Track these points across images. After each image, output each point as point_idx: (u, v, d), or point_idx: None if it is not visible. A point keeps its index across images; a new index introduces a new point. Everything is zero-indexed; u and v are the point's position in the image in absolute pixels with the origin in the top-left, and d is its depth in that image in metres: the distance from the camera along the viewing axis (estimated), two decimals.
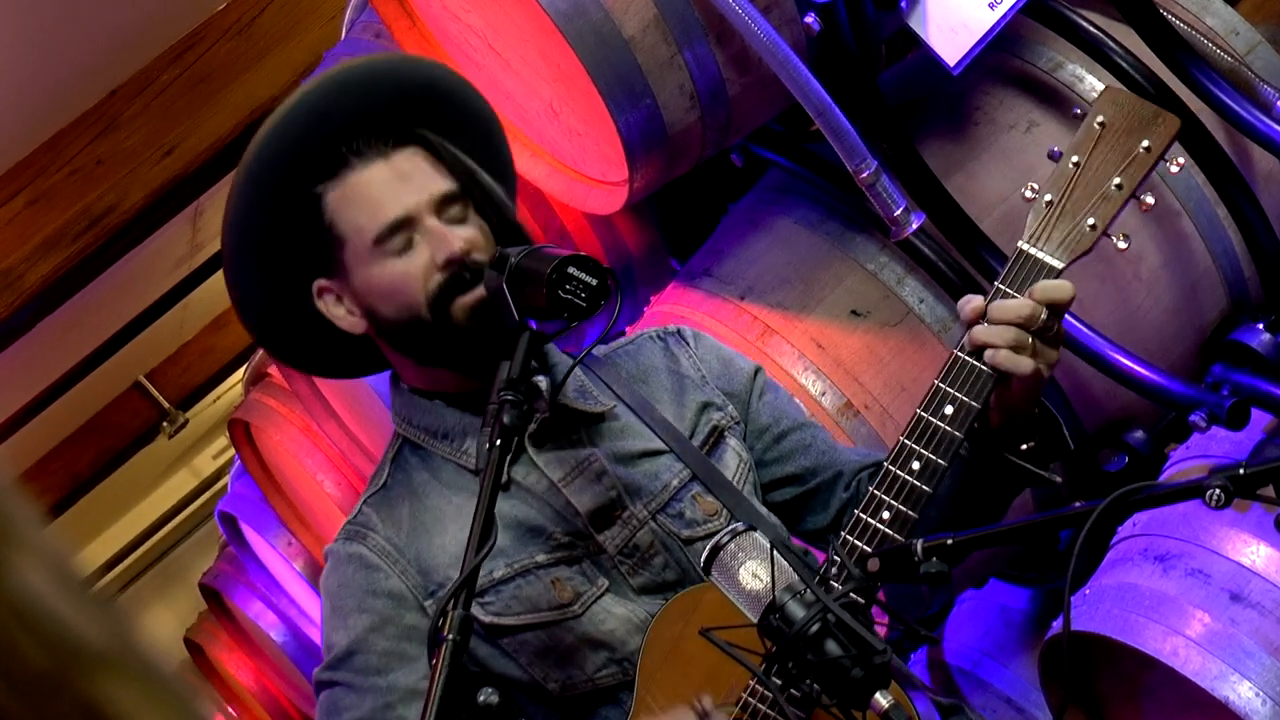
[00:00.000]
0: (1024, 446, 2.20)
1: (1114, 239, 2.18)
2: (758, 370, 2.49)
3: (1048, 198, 2.18)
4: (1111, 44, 3.11)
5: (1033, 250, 2.15)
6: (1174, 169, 2.22)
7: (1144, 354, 3.09)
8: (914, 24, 3.00)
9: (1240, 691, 2.83)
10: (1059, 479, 2.26)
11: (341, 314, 2.32)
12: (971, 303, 2.16)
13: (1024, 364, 2.10)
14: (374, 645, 2.25)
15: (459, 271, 2.21)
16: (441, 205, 2.26)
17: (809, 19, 2.91)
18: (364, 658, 2.25)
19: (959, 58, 2.98)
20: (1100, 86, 3.22)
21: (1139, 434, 3.23)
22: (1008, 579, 3.90)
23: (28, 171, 4.55)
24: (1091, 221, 2.16)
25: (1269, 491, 1.67)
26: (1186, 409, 3.01)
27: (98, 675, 0.72)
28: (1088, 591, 3.11)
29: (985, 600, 3.97)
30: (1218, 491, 1.68)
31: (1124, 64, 3.07)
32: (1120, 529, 3.21)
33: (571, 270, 2.05)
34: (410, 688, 2.22)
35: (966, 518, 2.28)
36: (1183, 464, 3.24)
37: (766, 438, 2.44)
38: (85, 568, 8.71)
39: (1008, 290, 2.15)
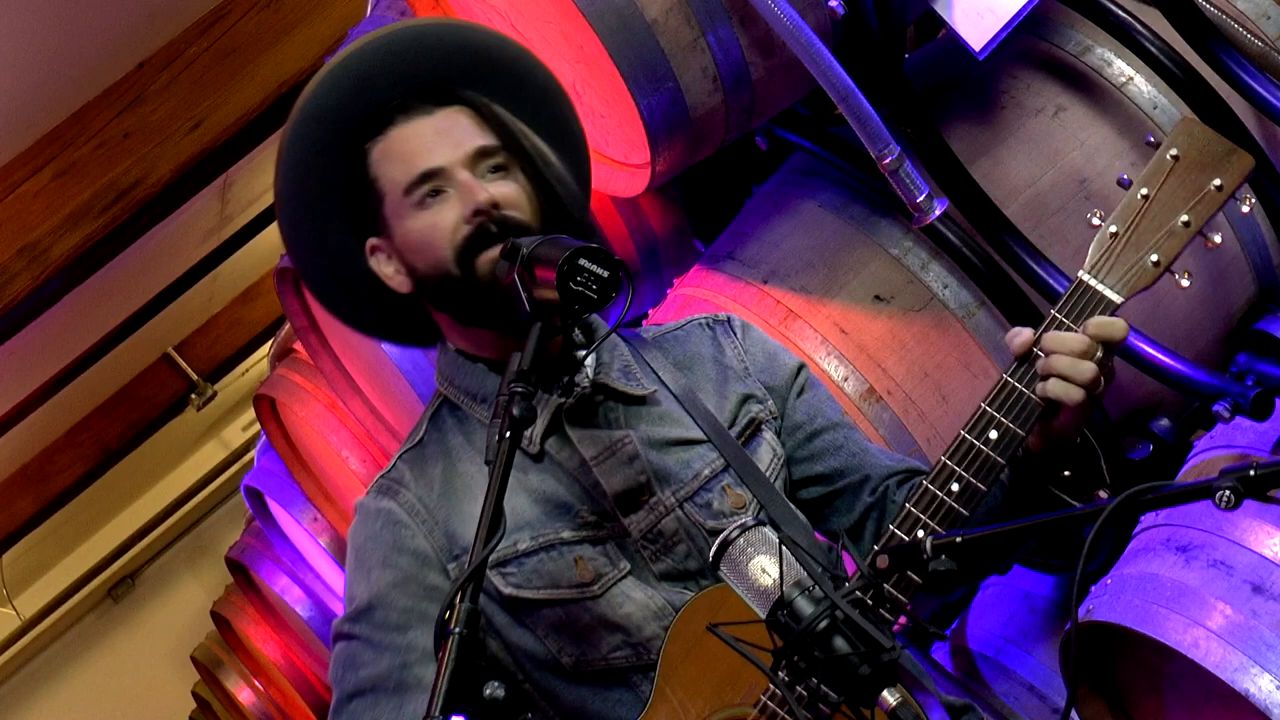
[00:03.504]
0: (1064, 474, 2.20)
1: (1176, 276, 2.15)
2: (801, 367, 2.49)
3: (1112, 229, 2.15)
4: (1140, 28, 3.08)
5: (1092, 282, 2.13)
6: (1244, 209, 2.18)
7: (1170, 341, 3.06)
8: (939, 7, 2.98)
9: (1261, 684, 2.80)
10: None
11: (390, 273, 2.33)
12: (1020, 336, 2.15)
13: (1075, 394, 2.10)
14: (395, 601, 2.26)
15: (485, 224, 2.22)
16: (477, 159, 2.27)
17: (833, 3, 2.89)
18: (384, 613, 2.26)
19: (984, 41, 2.96)
20: (1128, 70, 3.19)
21: (1164, 422, 3.21)
22: (1032, 566, 3.88)
23: (55, 144, 4.55)
24: (1155, 257, 2.13)
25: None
26: (1211, 399, 2.99)
27: None
28: (1109, 581, 3.09)
29: (1009, 587, 3.95)
30: (1228, 493, 1.66)
31: (1152, 48, 3.04)
32: (1143, 518, 3.18)
33: (583, 262, 2.05)
34: (428, 648, 2.22)
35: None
36: (1207, 454, 3.21)
37: (799, 435, 2.44)
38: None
39: (1064, 320, 2.14)
